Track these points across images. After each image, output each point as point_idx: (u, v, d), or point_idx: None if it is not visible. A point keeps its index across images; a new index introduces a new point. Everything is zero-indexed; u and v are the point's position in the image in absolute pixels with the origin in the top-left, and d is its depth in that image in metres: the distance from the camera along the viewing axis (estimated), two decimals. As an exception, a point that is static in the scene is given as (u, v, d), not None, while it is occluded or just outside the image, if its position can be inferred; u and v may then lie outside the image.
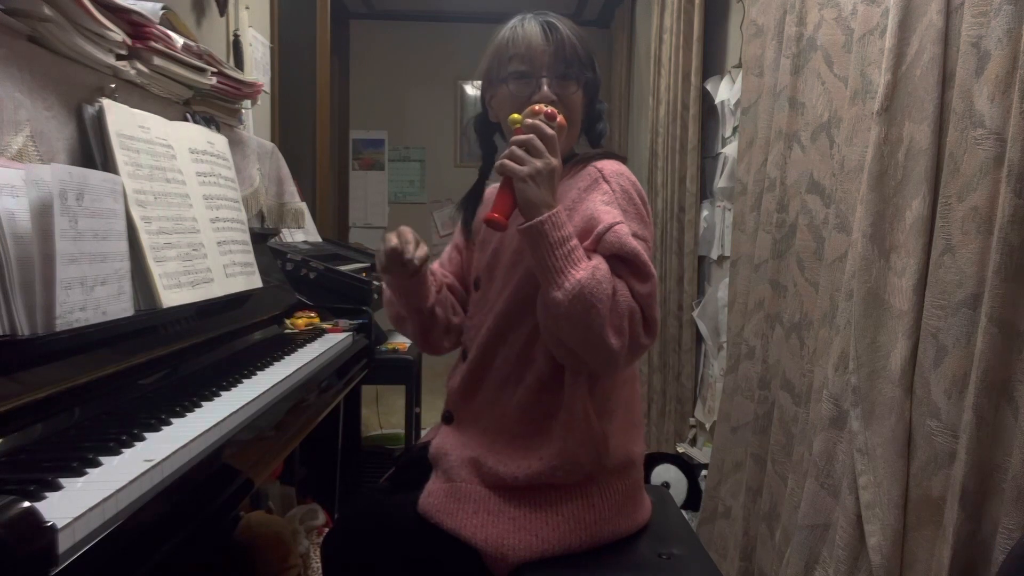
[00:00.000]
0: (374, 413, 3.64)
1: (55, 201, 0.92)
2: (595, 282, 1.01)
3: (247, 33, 2.50)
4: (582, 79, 1.21)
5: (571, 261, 1.03)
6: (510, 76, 1.20)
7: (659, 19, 3.30)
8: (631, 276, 1.06)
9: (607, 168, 1.17)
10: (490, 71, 1.24)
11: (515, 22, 1.22)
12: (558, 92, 1.18)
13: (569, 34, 1.20)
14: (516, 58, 1.19)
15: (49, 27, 1.12)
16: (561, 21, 1.21)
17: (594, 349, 1.04)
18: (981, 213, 1.16)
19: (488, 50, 1.24)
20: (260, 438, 1.11)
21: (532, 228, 1.04)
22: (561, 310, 1.02)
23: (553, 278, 1.02)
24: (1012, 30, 1.11)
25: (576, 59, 1.20)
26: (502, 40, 1.21)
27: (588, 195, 1.14)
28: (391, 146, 5.41)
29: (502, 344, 1.20)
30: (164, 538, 0.81)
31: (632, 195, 1.15)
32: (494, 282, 1.24)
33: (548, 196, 1.06)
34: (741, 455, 2.07)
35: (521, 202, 1.06)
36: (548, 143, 1.07)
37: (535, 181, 1.05)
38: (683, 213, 3.04)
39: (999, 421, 1.11)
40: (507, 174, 1.07)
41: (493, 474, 1.15)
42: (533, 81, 1.18)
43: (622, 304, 1.03)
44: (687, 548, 1.20)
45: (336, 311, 1.93)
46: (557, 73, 1.19)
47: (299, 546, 1.89)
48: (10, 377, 0.86)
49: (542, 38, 1.18)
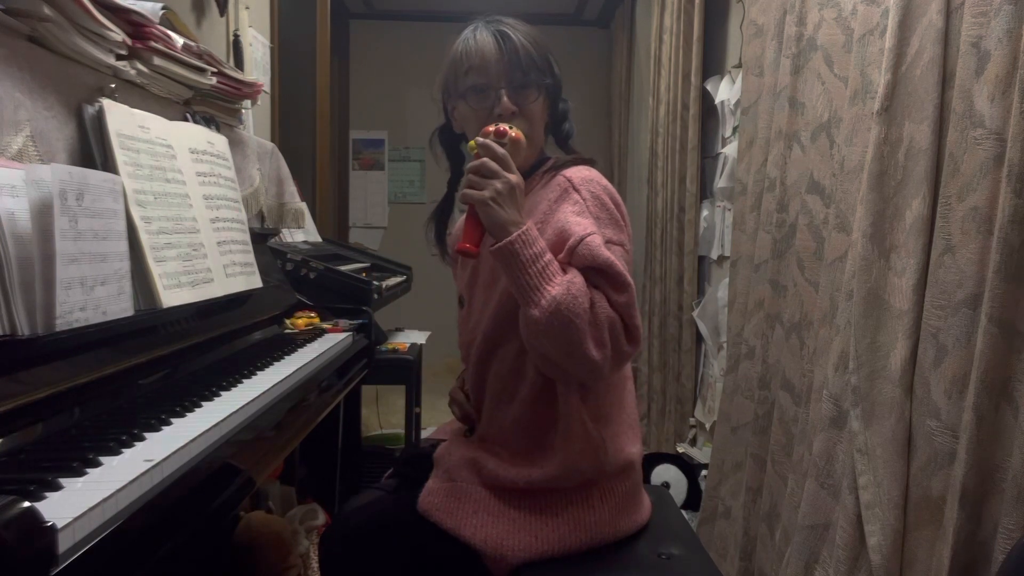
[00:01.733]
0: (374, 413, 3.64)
1: (55, 201, 0.92)
2: (571, 297, 1.01)
3: (247, 33, 2.49)
4: (541, 84, 1.20)
5: (545, 277, 1.02)
6: (468, 90, 1.19)
7: (659, 19, 3.30)
8: (608, 286, 1.05)
9: (576, 176, 1.15)
10: (448, 84, 1.23)
11: (467, 33, 1.20)
12: (518, 102, 1.17)
13: (523, 40, 1.18)
14: (472, 71, 1.18)
15: (49, 27, 1.12)
16: (515, 27, 1.19)
17: (577, 362, 1.03)
18: (981, 213, 1.16)
19: (445, 62, 1.23)
20: (260, 438, 1.11)
21: (503, 249, 1.03)
22: (540, 327, 1.02)
23: (529, 296, 1.02)
24: (1012, 30, 1.11)
25: (532, 66, 1.18)
26: (456, 53, 1.20)
27: (559, 206, 1.12)
28: (391, 146, 5.40)
29: (492, 361, 1.20)
30: (164, 538, 0.81)
31: (604, 200, 1.13)
32: (475, 300, 1.24)
33: (514, 214, 1.05)
34: (741, 455, 2.07)
35: (488, 225, 1.06)
36: (501, 162, 1.07)
37: (496, 202, 1.04)
38: (683, 213, 3.04)
39: (999, 421, 1.11)
40: (468, 202, 1.07)
41: (493, 476, 1.15)
42: (492, 93, 1.17)
43: (601, 316, 1.02)
44: (687, 548, 1.20)
45: (336, 311, 1.93)
46: (515, 83, 1.17)
47: (299, 546, 1.89)
48: (10, 377, 0.85)
49: (495, 49, 1.17)
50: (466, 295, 1.28)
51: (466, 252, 1.08)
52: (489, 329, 1.18)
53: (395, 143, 5.40)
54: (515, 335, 1.13)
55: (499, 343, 1.18)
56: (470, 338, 1.24)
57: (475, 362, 1.22)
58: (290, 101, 3.02)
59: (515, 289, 1.04)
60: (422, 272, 3.22)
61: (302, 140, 3.33)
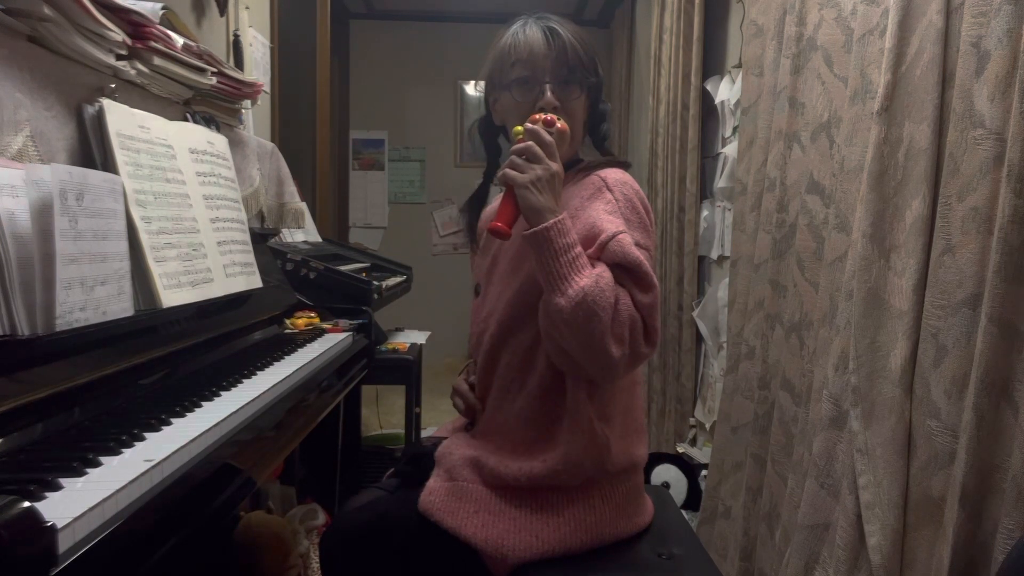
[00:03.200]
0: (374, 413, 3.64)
1: (55, 201, 0.92)
2: (598, 290, 1.01)
3: (247, 33, 2.49)
4: (585, 83, 1.21)
5: (575, 268, 1.03)
6: (513, 82, 1.20)
7: (659, 19, 3.30)
8: (633, 286, 1.06)
9: (610, 177, 1.17)
10: (493, 76, 1.24)
11: (516, 27, 1.22)
12: (561, 97, 1.18)
13: (571, 38, 1.19)
14: (519, 64, 1.19)
15: (49, 27, 1.12)
16: (563, 25, 1.21)
17: (594, 356, 1.04)
18: (981, 213, 1.16)
19: (490, 54, 1.24)
20: (260, 438, 1.11)
21: (537, 234, 1.04)
22: (563, 316, 1.02)
23: (557, 284, 1.03)
24: (1012, 30, 1.11)
25: (579, 63, 1.19)
26: (504, 45, 1.21)
27: (591, 203, 1.14)
28: (391, 146, 5.40)
29: (504, 350, 1.20)
30: (164, 538, 0.81)
31: (636, 204, 1.15)
32: (492, 288, 1.25)
33: (551, 202, 1.06)
34: (741, 455, 2.07)
35: (524, 209, 1.07)
36: (547, 149, 1.08)
37: (536, 187, 1.05)
38: (683, 213, 3.03)
39: (999, 421, 1.11)
40: (508, 183, 1.08)
41: (495, 474, 1.15)
42: (536, 87, 1.18)
43: (624, 313, 1.03)
44: (687, 548, 1.20)
45: (336, 311, 1.93)
46: (560, 78, 1.18)
47: (299, 546, 1.89)
48: (10, 377, 0.85)
49: (544, 43, 1.18)
50: (483, 283, 1.29)
51: (498, 231, 1.07)
52: (504, 318, 1.19)
53: (395, 143, 5.40)
54: (529, 325, 1.14)
55: (513, 332, 1.18)
56: (483, 327, 1.24)
57: (486, 350, 1.22)
58: (290, 101, 3.02)
59: (543, 276, 1.05)
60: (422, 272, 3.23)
61: (302, 140, 3.33)
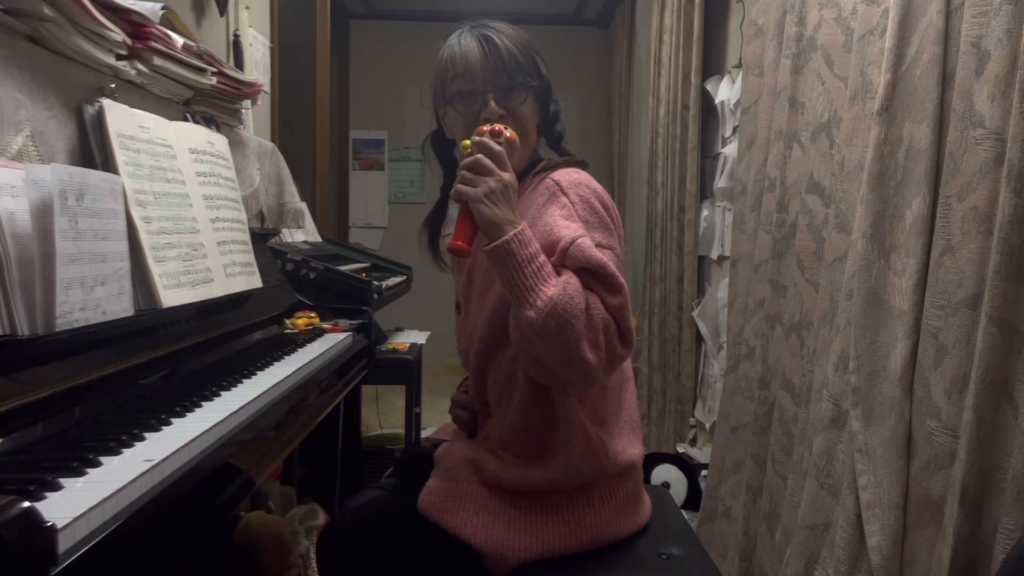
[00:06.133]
0: (374, 413, 3.64)
1: (55, 201, 0.92)
2: (567, 297, 0.98)
3: (247, 33, 2.50)
4: (528, 87, 1.19)
5: (540, 278, 1.00)
6: (455, 96, 1.18)
7: (659, 19, 3.30)
8: (601, 288, 1.02)
9: (564, 179, 1.13)
10: (436, 91, 1.22)
11: (452, 39, 1.20)
12: (505, 105, 1.16)
13: (507, 44, 1.17)
14: (458, 77, 1.17)
15: (49, 27, 1.12)
16: (499, 30, 1.19)
17: (571, 366, 1.00)
18: (981, 213, 1.16)
19: (432, 68, 1.22)
20: (260, 438, 1.10)
21: (498, 248, 1.01)
22: (535, 329, 0.98)
23: (524, 297, 0.99)
24: (1012, 30, 1.11)
25: (517, 68, 1.17)
26: (442, 59, 1.19)
27: (546, 209, 1.10)
28: (391, 146, 5.41)
29: (490, 367, 1.19)
30: (164, 538, 0.81)
31: (593, 204, 1.11)
32: (472, 305, 1.23)
33: (508, 213, 1.03)
34: (741, 455, 2.07)
35: (481, 224, 1.03)
36: (496, 159, 1.05)
37: (491, 200, 1.02)
38: (683, 213, 3.04)
39: (999, 421, 1.11)
40: (461, 199, 1.05)
41: (494, 476, 1.15)
42: (478, 98, 1.17)
43: (596, 318, 1.00)
44: (687, 548, 1.20)
45: (336, 311, 1.93)
46: (500, 86, 1.17)
47: (299, 546, 1.89)
48: (10, 377, 0.85)
49: (480, 53, 1.16)
50: (462, 300, 1.27)
51: (457, 250, 1.05)
52: (485, 335, 1.17)
53: (395, 143, 5.40)
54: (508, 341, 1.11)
55: (496, 348, 1.17)
56: (468, 344, 1.24)
57: (474, 368, 1.22)
58: (290, 101, 3.02)
59: (509, 290, 1.02)
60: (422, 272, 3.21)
61: (302, 140, 3.33)
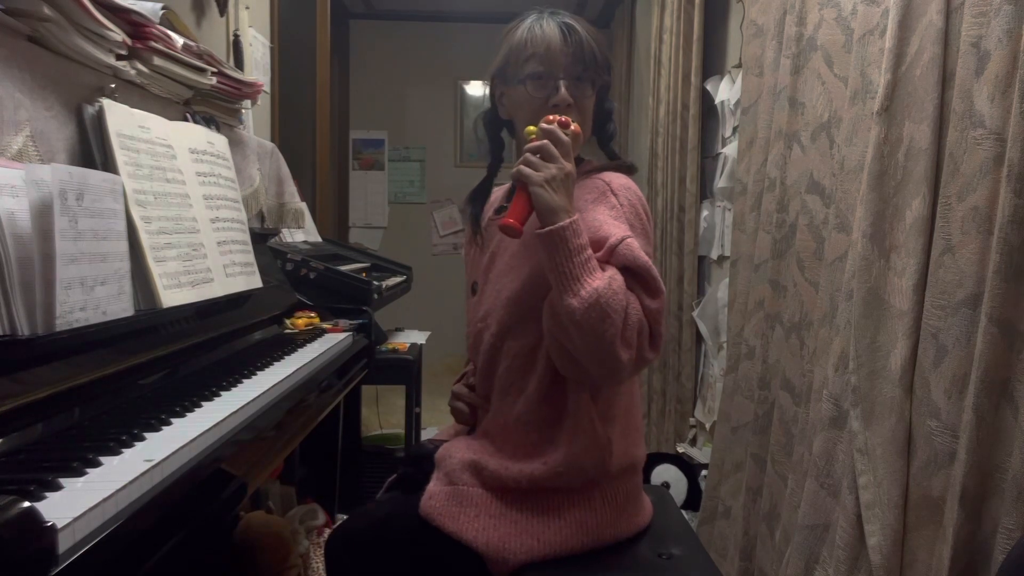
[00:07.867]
0: (374, 413, 3.64)
1: (55, 201, 0.92)
2: (611, 292, 1.00)
3: (247, 33, 2.49)
4: (598, 82, 1.21)
5: (588, 269, 1.02)
6: (528, 77, 1.18)
7: (659, 19, 3.30)
8: (642, 291, 1.05)
9: (615, 182, 1.16)
10: (505, 70, 1.22)
11: (531, 22, 1.20)
12: (575, 94, 1.17)
13: (587, 36, 1.19)
14: (534, 59, 1.18)
15: (49, 27, 1.12)
16: (578, 22, 1.20)
17: (602, 360, 1.03)
18: (981, 213, 1.16)
19: (503, 48, 1.22)
20: (260, 438, 1.11)
21: (552, 233, 1.03)
22: (575, 317, 1.01)
23: (569, 285, 1.01)
24: (1012, 30, 1.11)
25: (593, 62, 1.19)
26: (519, 39, 1.19)
27: (595, 207, 1.13)
28: (391, 146, 5.40)
29: (505, 351, 1.19)
30: (164, 538, 0.81)
31: (639, 211, 1.14)
32: (490, 286, 1.23)
33: (565, 201, 1.05)
34: (741, 455, 2.07)
35: (538, 208, 1.05)
36: (562, 149, 1.07)
37: (551, 186, 1.04)
38: (683, 213, 3.03)
39: (999, 421, 1.11)
40: (522, 180, 1.07)
41: (495, 477, 1.15)
42: (551, 82, 1.17)
43: (633, 317, 1.02)
44: (687, 548, 1.20)
45: (336, 311, 1.93)
46: (574, 75, 1.18)
47: (299, 546, 1.89)
48: (10, 377, 0.85)
49: (561, 39, 1.17)
50: (481, 281, 1.27)
51: (509, 228, 1.06)
52: (503, 317, 1.18)
53: (395, 143, 5.40)
54: (528, 327, 1.13)
55: (513, 332, 1.17)
56: (480, 327, 1.23)
57: (486, 350, 1.21)
58: (290, 101, 3.02)
59: (555, 276, 1.03)
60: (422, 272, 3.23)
61: (302, 140, 3.33)
